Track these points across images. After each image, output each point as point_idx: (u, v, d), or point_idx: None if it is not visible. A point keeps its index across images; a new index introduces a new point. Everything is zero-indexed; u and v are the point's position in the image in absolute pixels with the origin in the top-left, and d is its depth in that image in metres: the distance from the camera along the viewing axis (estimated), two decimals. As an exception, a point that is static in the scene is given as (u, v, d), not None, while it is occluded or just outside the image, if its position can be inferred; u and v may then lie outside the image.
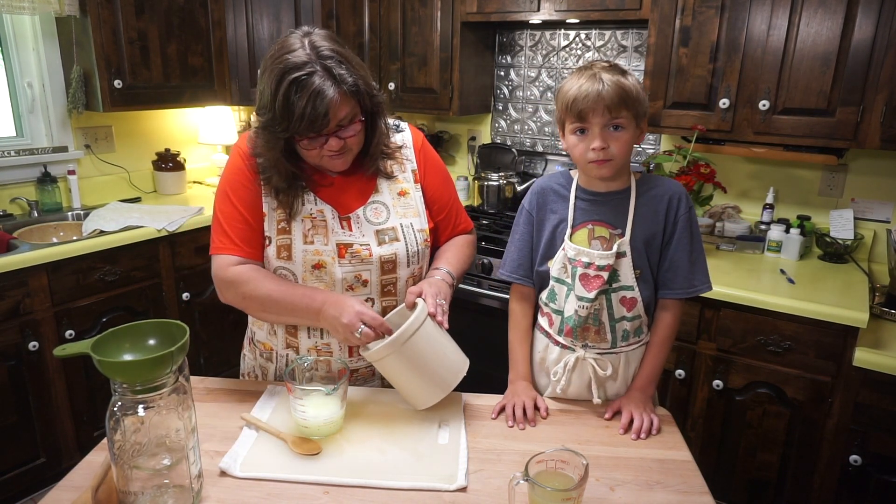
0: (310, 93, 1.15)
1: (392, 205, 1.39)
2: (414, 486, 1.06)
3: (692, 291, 1.31)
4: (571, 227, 1.32)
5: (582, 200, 1.33)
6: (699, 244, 1.32)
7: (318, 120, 1.17)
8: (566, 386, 1.35)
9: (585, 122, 1.22)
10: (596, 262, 1.28)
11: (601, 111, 1.20)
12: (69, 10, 2.56)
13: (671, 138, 2.65)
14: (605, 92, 1.19)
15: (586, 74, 1.22)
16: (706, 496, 1.07)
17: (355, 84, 1.21)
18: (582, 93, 1.20)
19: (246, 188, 1.33)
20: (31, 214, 2.71)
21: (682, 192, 1.31)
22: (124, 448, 0.94)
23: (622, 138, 1.22)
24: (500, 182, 2.94)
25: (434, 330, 1.22)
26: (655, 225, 1.29)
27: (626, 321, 1.32)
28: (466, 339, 1.40)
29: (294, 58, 1.17)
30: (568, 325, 1.33)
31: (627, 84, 1.21)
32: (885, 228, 2.35)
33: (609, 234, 1.30)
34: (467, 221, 1.55)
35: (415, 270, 1.40)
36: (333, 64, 1.18)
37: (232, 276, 1.32)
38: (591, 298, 1.28)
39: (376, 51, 3.02)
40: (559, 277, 1.34)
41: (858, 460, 1.86)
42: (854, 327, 1.85)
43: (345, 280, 1.32)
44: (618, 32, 2.76)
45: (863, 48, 1.96)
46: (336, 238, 1.32)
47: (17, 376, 2.24)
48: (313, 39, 1.20)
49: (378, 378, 1.42)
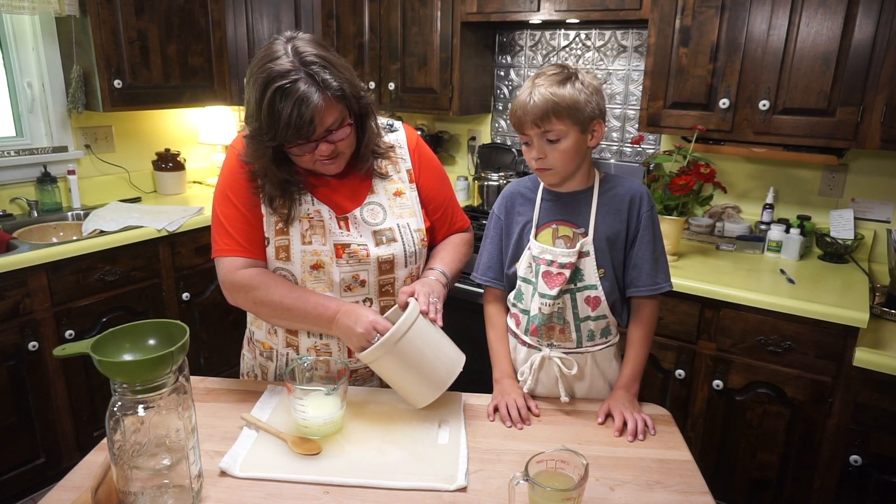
0: (294, 100, 1.14)
1: (388, 205, 1.39)
2: (414, 486, 1.06)
3: (656, 289, 1.34)
4: (536, 227, 1.35)
5: (546, 201, 1.36)
6: (661, 243, 1.35)
7: (305, 127, 1.17)
8: (534, 385, 1.37)
9: (523, 133, 1.27)
10: (558, 260, 1.30)
11: (529, 125, 1.24)
12: (69, 10, 2.56)
13: (671, 138, 2.65)
14: (531, 106, 1.22)
15: (528, 85, 1.25)
16: (706, 496, 1.07)
17: (340, 88, 1.20)
18: (516, 106, 1.26)
19: (244, 188, 1.33)
20: (31, 214, 2.71)
21: (644, 191, 1.34)
22: (124, 448, 0.94)
23: (558, 148, 1.24)
24: (500, 182, 2.94)
25: (427, 328, 1.22)
26: (618, 223, 1.32)
27: (591, 321, 1.33)
28: (464, 338, 1.41)
29: (277, 66, 1.16)
30: (534, 324, 1.34)
31: (562, 94, 1.20)
32: (885, 228, 2.35)
33: (572, 234, 1.32)
34: (464, 219, 1.55)
35: (412, 270, 1.40)
36: (318, 69, 1.17)
37: (242, 281, 1.31)
38: (554, 296, 1.30)
39: (376, 51, 3.02)
40: (525, 277, 1.36)
41: (858, 460, 1.86)
42: (854, 327, 1.85)
43: (343, 281, 1.32)
44: (618, 32, 2.76)
45: (863, 48, 1.96)
46: (334, 238, 1.32)
47: (16, 376, 2.24)
48: (297, 45, 1.19)
49: (377, 378, 1.42)
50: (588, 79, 1.25)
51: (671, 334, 2.15)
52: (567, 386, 1.36)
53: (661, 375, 2.21)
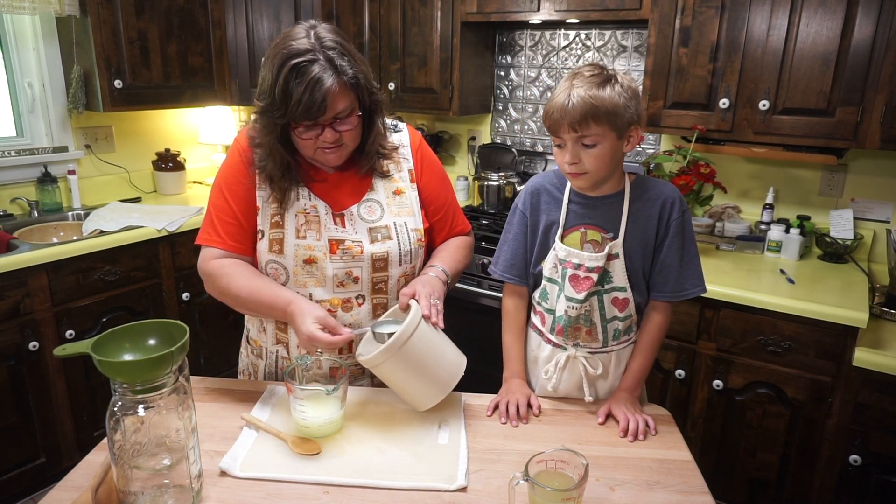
0: (309, 79, 1.16)
1: (386, 203, 1.39)
2: (414, 486, 1.06)
3: (682, 295, 1.31)
4: (563, 229, 1.32)
5: (575, 203, 1.32)
6: (693, 247, 1.31)
7: (315, 106, 1.18)
8: (557, 384, 1.36)
9: (557, 136, 1.22)
10: (586, 264, 1.28)
11: (568, 127, 1.18)
12: (69, 10, 2.56)
13: (671, 138, 2.65)
14: (570, 109, 1.16)
15: (564, 86, 1.20)
16: (706, 496, 1.07)
17: (355, 76, 1.22)
18: (552, 107, 1.20)
19: (240, 183, 1.34)
20: (32, 214, 2.72)
21: (677, 195, 1.30)
22: (124, 448, 0.94)
23: (594, 153, 1.20)
24: (500, 182, 2.94)
25: (429, 331, 1.21)
26: (649, 229, 1.29)
27: (618, 321, 1.33)
28: (466, 338, 1.41)
29: (297, 45, 1.18)
30: (559, 325, 1.33)
31: (602, 97, 1.16)
32: (884, 228, 2.35)
33: (601, 238, 1.29)
34: (465, 223, 1.55)
35: (407, 270, 1.40)
36: (336, 55, 1.19)
37: (210, 269, 1.35)
38: (581, 300, 1.29)
39: (376, 51, 3.02)
40: (550, 277, 1.35)
41: (858, 460, 1.86)
42: (854, 327, 1.85)
43: (336, 276, 1.33)
44: (618, 32, 2.76)
45: (863, 48, 1.96)
46: (328, 234, 1.32)
47: (17, 376, 2.24)
48: (318, 31, 1.22)
49: (368, 376, 1.42)
50: (627, 81, 1.20)
51: (671, 334, 2.14)
52: (591, 385, 1.35)
53: (661, 375, 2.21)
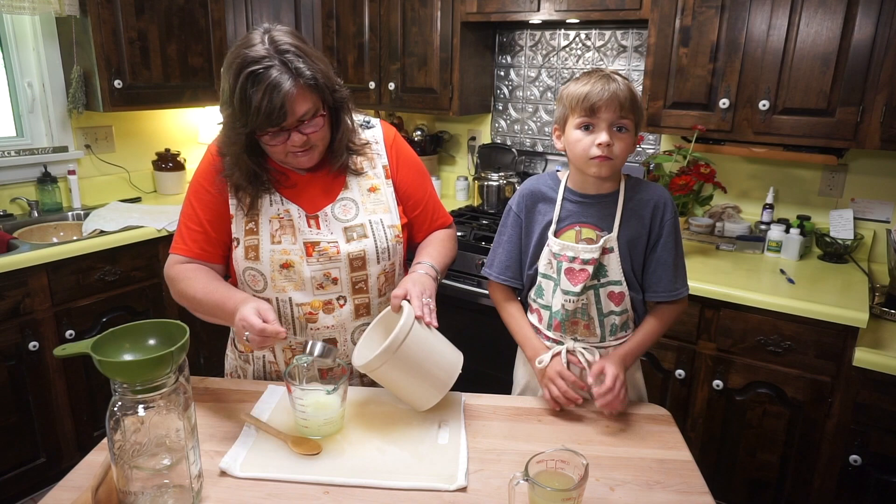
0: (266, 86, 1.15)
1: (361, 201, 1.38)
2: (414, 486, 1.06)
3: (675, 295, 1.34)
4: (557, 226, 1.34)
5: (570, 202, 1.35)
6: (681, 249, 1.36)
7: (275, 112, 1.17)
8: None
9: (594, 117, 1.24)
10: (581, 256, 1.30)
11: (615, 108, 1.22)
12: (69, 10, 2.56)
13: (671, 138, 2.65)
14: (620, 91, 1.22)
15: (598, 75, 1.25)
16: (706, 496, 1.07)
17: (313, 77, 1.21)
18: (597, 88, 1.23)
19: (208, 192, 1.35)
20: (32, 214, 2.72)
21: (668, 198, 1.34)
22: (124, 448, 0.94)
23: (625, 140, 1.26)
24: (500, 182, 2.94)
25: (424, 332, 1.21)
26: (640, 228, 1.32)
27: (615, 315, 1.34)
28: (464, 338, 1.40)
29: (252, 52, 1.17)
30: (556, 320, 1.35)
31: (636, 91, 1.26)
32: (884, 228, 2.35)
33: (596, 236, 1.32)
34: (446, 216, 1.54)
35: (386, 267, 1.39)
36: (291, 58, 1.18)
37: (173, 274, 1.36)
38: (577, 292, 1.30)
39: (376, 51, 3.02)
40: (545, 273, 1.36)
41: (858, 460, 1.86)
42: (854, 327, 1.85)
43: (314, 279, 1.32)
44: (618, 32, 2.76)
45: (863, 48, 1.96)
46: (303, 237, 1.32)
47: (17, 376, 2.24)
48: (273, 35, 1.21)
49: (356, 376, 1.41)
50: None
51: (671, 334, 2.15)
52: None
53: (661, 375, 2.21)
